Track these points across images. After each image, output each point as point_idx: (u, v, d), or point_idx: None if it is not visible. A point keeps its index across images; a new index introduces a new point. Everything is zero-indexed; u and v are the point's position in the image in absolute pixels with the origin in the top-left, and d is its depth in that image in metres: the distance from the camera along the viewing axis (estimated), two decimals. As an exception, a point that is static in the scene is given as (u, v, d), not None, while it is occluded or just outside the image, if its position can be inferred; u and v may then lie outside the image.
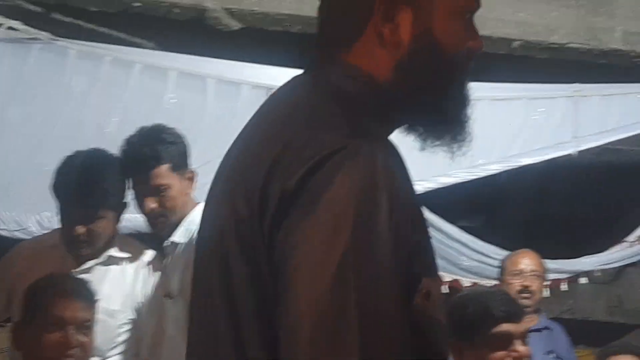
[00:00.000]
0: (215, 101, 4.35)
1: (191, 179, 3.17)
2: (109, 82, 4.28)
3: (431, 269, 1.31)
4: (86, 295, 2.80)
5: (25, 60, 4.21)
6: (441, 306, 1.39)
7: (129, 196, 3.20)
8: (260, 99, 4.32)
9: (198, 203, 3.10)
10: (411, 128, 1.41)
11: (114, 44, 4.30)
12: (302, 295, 1.12)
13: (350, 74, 1.35)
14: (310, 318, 1.11)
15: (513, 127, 4.71)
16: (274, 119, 1.32)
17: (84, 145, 3.33)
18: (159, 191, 3.02)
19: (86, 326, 2.72)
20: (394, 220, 1.17)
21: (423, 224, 1.33)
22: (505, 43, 4.64)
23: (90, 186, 3.11)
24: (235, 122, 4.13)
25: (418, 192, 3.03)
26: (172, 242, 3.07)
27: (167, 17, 4.36)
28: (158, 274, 3.16)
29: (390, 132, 1.40)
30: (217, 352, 1.31)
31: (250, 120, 1.39)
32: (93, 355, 2.89)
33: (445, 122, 1.39)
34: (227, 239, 1.29)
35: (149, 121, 3.82)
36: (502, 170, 4.59)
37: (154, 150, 3.01)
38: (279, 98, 1.40)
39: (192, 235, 3.02)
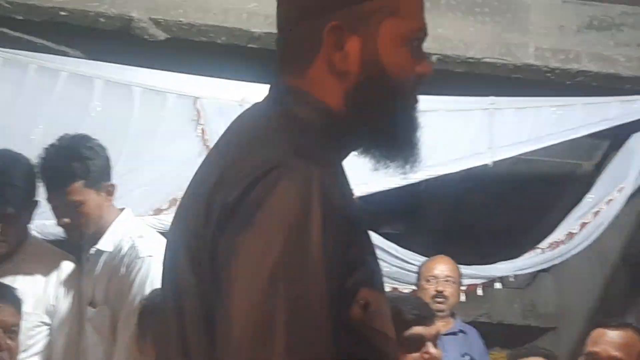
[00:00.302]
0: (141, 110, 4.31)
1: (110, 192, 3.14)
2: (35, 89, 4.23)
3: (373, 282, 1.33)
4: (13, 300, 2.78)
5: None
6: (387, 318, 1.41)
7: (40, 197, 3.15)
8: (186, 108, 4.18)
9: (122, 210, 3.17)
10: (365, 151, 1.44)
11: (40, 52, 4.26)
12: (236, 303, 1.15)
13: (301, 100, 1.40)
14: (242, 324, 1.14)
15: (431, 139, 4.71)
16: (226, 140, 1.40)
17: (9, 152, 3.37)
18: (73, 206, 2.99)
19: (13, 330, 2.71)
20: (327, 234, 1.21)
21: (364, 239, 1.35)
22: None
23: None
24: (161, 131, 4.32)
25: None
26: (98, 250, 3.05)
27: (94, 27, 4.29)
28: (77, 280, 3.12)
29: (343, 156, 1.44)
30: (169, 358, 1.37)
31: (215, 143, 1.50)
32: None
33: (396, 146, 1.43)
34: (179, 251, 1.35)
35: (74, 129, 3.84)
36: (421, 179, 4.54)
37: (69, 167, 2.98)
38: (236, 122, 1.45)
39: (118, 244, 3.07)
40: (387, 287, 4.56)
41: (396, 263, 4.66)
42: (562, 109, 4.84)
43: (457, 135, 4.78)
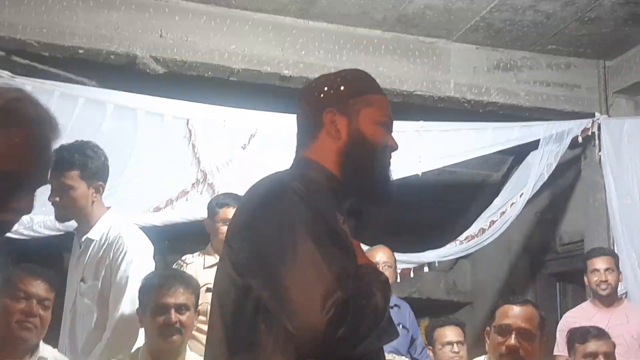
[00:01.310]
0: (144, 128, 4.40)
1: (98, 190, 3.14)
2: (58, 112, 4.39)
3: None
4: (48, 279, 2.82)
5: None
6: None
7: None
8: (180, 127, 4.44)
9: (109, 208, 3.20)
10: (351, 209, 1.77)
11: (62, 81, 4.31)
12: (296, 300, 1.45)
13: (310, 165, 1.71)
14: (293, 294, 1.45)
15: None
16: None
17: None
18: (65, 189, 3.02)
19: (46, 304, 2.77)
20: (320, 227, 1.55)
21: (345, 245, 1.62)
22: None
23: None
24: (160, 145, 4.47)
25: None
26: (87, 238, 3.09)
27: (106, 62, 4.36)
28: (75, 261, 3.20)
29: (339, 203, 1.69)
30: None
31: None
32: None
33: (374, 195, 1.78)
34: (222, 273, 1.65)
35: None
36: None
37: (72, 157, 3.00)
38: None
39: (105, 234, 3.10)
40: None
41: None
42: (476, 131, 5.02)
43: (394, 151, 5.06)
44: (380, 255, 4.43)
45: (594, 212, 5.24)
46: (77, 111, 4.28)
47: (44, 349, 2.82)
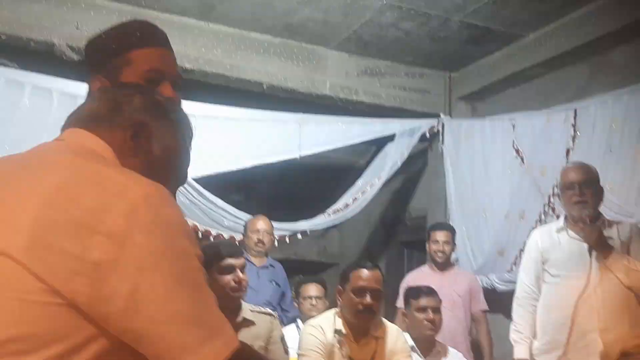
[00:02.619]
0: (58, 108, 4.28)
1: None
2: None
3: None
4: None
5: None
6: None
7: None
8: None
9: None
10: None
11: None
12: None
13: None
14: None
15: (260, 139, 4.93)
16: None
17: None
18: None
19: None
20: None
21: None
22: (259, 85, 4.84)
23: None
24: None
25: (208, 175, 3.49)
26: None
27: (27, 48, 4.28)
28: None
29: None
30: None
31: None
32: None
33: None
34: None
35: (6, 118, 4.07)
36: (255, 165, 4.87)
37: None
38: None
39: None
40: (226, 235, 4.78)
41: (232, 219, 4.85)
42: (346, 124, 5.20)
43: (278, 137, 4.98)
44: (260, 224, 4.50)
45: (436, 193, 5.46)
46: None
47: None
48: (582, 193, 3.26)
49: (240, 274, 2.65)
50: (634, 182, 3.80)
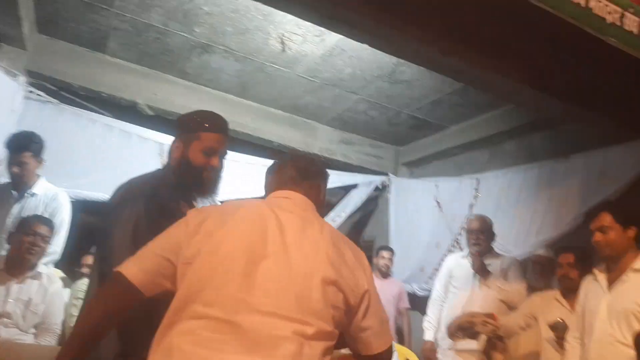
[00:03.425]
0: (137, 148, 4.19)
1: (40, 163, 2.95)
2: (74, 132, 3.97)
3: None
4: (47, 223, 2.71)
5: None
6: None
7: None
8: (155, 147, 4.20)
9: (39, 176, 3.00)
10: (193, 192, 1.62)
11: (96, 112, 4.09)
12: None
13: (166, 167, 1.62)
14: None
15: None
16: None
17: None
18: (22, 164, 2.86)
19: (46, 240, 2.66)
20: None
21: (174, 214, 1.39)
22: (271, 143, 4.68)
23: None
24: (144, 158, 4.14)
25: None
26: (33, 192, 2.92)
27: (118, 104, 4.25)
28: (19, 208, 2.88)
29: (178, 193, 1.55)
30: None
31: None
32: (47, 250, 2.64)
33: (198, 192, 1.62)
34: None
35: (100, 151, 3.97)
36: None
37: (27, 144, 2.86)
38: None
39: (44, 191, 2.92)
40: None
41: None
42: None
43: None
44: None
45: (382, 225, 5.34)
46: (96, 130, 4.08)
47: (40, 267, 2.68)
48: (477, 237, 3.38)
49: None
50: (513, 230, 3.82)
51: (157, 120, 4.36)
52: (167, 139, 4.26)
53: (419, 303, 4.44)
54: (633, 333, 2.01)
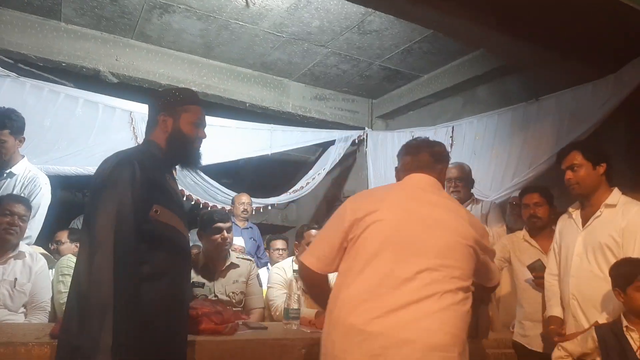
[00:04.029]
0: (102, 116, 4.07)
1: (21, 142, 2.88)
2: (48, 101, 3.86)
3: (167, 203, 1.46)
4: (24, 201, 2.64)
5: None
6: (175, 219, 1.46)
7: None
8: (125, 116, 4.15)
9: (23, 156, 2.93)
10: (178, 165, 1.67)
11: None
12: None
13: (152, 143, 1.61)
14: None
15: (245, 141, 4.73)
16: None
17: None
18: (1, 142, 2.79)
19: (24, 219, 2.58)
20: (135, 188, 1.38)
21: (164, 186, 1.48)
22: (243, 104, 4.68)
23: None
24: (114, 127, 4.13)
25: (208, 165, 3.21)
26: (11, 172, 2.86)
27: (80, 73, 4.13)
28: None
29: (166, 167, 1.59)
30: None
31: None
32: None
33: (189, 164, 1.66)
34: None
35: (64, 123, 3.84)
36: (239, 158, 4.74)
37: (4, 121, 2.76)
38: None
39: (23, 171, 2.85)
40: (219, 205, 4.56)
41: (223, 195, 4.73)
42: (302, 132, 5.04)
43: (255, 140, 4.82)
44: (243, 199, 4.50)
45: (361, 179, 5.40)
46: (60, 102, 3.97)
47: (22, 246, 2.63)
48: (456, 185, 3.38)
49: (226, 233, 2.62)
50: (490, 175, 3.86)
51: (123, 87, 4.27)
52: (136, 107, 4.25)
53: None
54: (609, 265, 2.04)
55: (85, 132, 4.03)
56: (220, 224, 2.61)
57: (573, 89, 3.34)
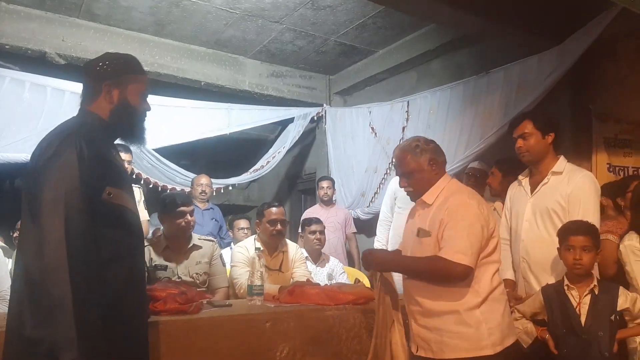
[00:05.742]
0: (51, 99, 3.95)
1: None
2: None
3: (118, 182, 1.37)
4: None
5: None
6: (129, 200, 1.40)
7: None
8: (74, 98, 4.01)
9: None
10: (121, 140, 1.55)
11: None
12: None
13: (93, 115, 1.48)
14: None
15: (203, 121, 4.57)
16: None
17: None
18: None
19: None
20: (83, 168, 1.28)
21: (113, 164, 1.40)
22: (198, 83, 4.59)
23: None
24: (62, 107, 3.92)
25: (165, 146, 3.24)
26: None
27: (25, 55, 3.97)
28: None
29: (110, 142, 1.50)
30: None
31: None
32: None
33: (134, 138, 1.55)
34: None
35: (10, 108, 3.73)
36: (197, 139, 4.54)
37: None
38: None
39: None
40: (178, 188, 4.41)
41: (181, 177, 4.60)
42: (260, 110, 4.98)
43: (212, 119, 4.70)
44: (202, 180, 4.33)
45: (321, 157, 5.44)
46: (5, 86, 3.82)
47: None
48: None
49: (189, 217, 2.60)
50: (443, 147, 3.80)
51: (71, 69, 4.09)
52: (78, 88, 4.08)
53: (364, 226, 4.65)
54: (556, 228, 2.12)
55: (34, 117, 3.88)
56: (183, 208, 2.57)
57: (520, 61, 3.45)
